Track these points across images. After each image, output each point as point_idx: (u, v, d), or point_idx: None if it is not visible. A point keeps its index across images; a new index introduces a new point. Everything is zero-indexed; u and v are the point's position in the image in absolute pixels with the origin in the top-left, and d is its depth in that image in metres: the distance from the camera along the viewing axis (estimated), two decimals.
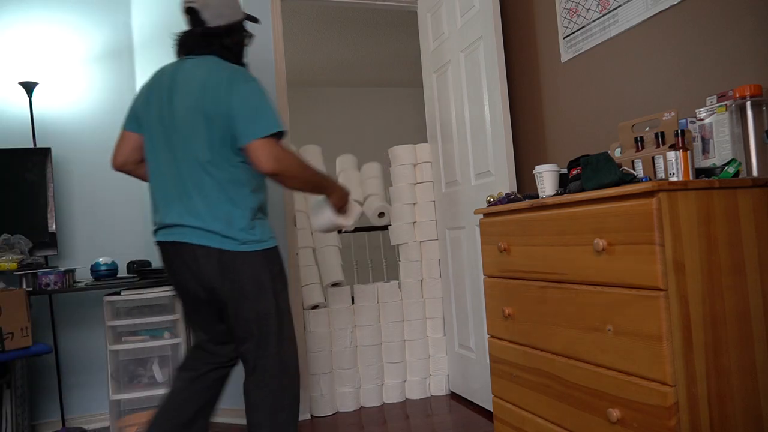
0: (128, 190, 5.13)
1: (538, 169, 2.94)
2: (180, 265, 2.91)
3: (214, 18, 2.97)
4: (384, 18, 8.00)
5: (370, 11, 7.70)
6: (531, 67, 4.24)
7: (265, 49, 4.73)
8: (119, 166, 3.13)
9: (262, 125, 2.73)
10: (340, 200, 3.13)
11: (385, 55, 9.60)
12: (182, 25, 4.84)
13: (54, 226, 4.57)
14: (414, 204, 5.19)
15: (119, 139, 3.10)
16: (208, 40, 2.97)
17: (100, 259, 4.48)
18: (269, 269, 2.89)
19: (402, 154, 5.27)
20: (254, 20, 3.21)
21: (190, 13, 2.99)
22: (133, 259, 5.01)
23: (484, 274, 3.18)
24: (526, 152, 4.36)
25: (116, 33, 5.23)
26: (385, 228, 6.78)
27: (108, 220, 5.06)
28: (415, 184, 5.22)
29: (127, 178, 5.12)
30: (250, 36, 3.13)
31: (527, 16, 4.25)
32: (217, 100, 2.77)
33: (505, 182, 4.06)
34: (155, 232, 2.97)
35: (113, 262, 4.49)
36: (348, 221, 3.25)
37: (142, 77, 5.17)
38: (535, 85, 4.20)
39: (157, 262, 4.98)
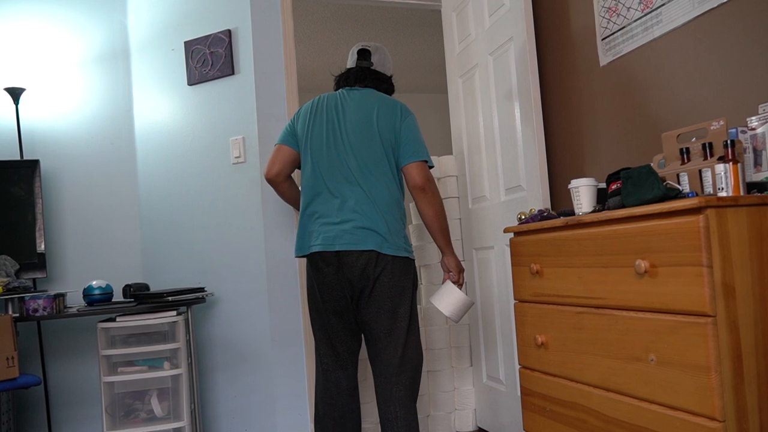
0: (125, 207, 5.18)
1: (574, 183, 2.96)
2: (335, 271, 3.60)
3: (378, 64, 3.98)
4: (404, 18, 8.04)
5: (389, 11, 7.75)
6: (566, 71, 4.26)
7: (274, 52, 4.77)
8: (273, 176, 3.90)
9: (421, 152, 3.65)
10: (457, 265, 3.90)
11: (405, 59, 9.63)
12: (185, 25, 4.95)
13: (43, 246, 4.61)
14: None
15: (275, 152, 3.90)
16: (375, 78, 3.91)
17: (94, 283, 4.50)
18: (412, 275, 3.65)
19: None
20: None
21: (363, 53, 3.98)
22: (130, 282, 5.05)
23: (515, 299, 3.20)
24: (560, 165, 4.36)
25: (111, 33, 5.29)
26: None
27: (102, 240, 5.10)
28: None
29: (123, 194, 5.17)
30: (393, 92, 4.06)
31: (562, 16, 4.27)
32: (389, 125, 3.66)
33: (537, 197, 4.08)
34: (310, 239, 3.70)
35: (108, 286, 4.51)
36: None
37: (140, 82, 5.22)
38: (571, 90, 4.22)
39: (156, 285, 5.01)
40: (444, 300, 3.80)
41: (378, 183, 3.61)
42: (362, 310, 3.62)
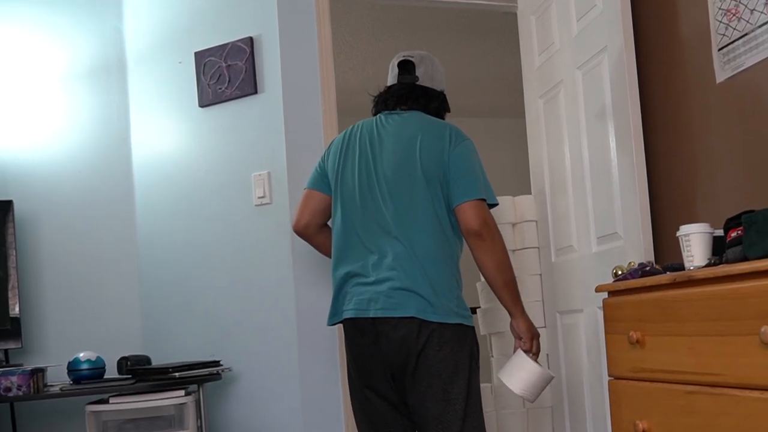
0: (120, 260, 5.23)
1: (684, 230, 2.98)
2: (371, 342, 3.64)
3: (425, 77, 3.98)
4: (469, 23, 8.00)
5: (450, 14, 7.67)
6: (673, 89, 4.23)
7: (307, 65, 4.83)
8: (302, 229, 4.03)
9: (476, 188, 3.69)
10: (529, 329, 3.86)
11: (470, 74, 9.57)
12: (195, 31, 5.03)
13: (17, 309, 4.67)
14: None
15: (304, 199, 4.04)
16: (419, 95, 3.93)
17: (81, 355, 4.55)
18: (468, 345, 3.65)
19: (497, 209, 5.17)
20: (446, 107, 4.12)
21: (405, 65, 3.98)
22: (126, 353, 4.87)
23: (610, 375, 3.22)
24: (666, 207, 4.30)
25: (103, 41, 5.36)
26: (473, 311, 6.81)
27: (92, 301, 5.15)
28: (515, 250, 5.25)
29: (118, 242, 5.23)
30: (448, 111, 4.08)
31: (668, 20, 4.25)
32: (436, 156, 3.70)
33: (638, 248, 4.04)
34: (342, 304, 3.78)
35: (99, 359, 4.56)
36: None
37: (138, 103, 5.31)
38: (679, 113, 4.19)
39: (159, 358, 4.93)
40: (514, 375, 3.77)
41: (420, 232, 3.65)
42: (407, 391, 3.63)
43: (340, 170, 3.86)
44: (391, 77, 4.08)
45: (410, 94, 3.95)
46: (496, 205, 3.83)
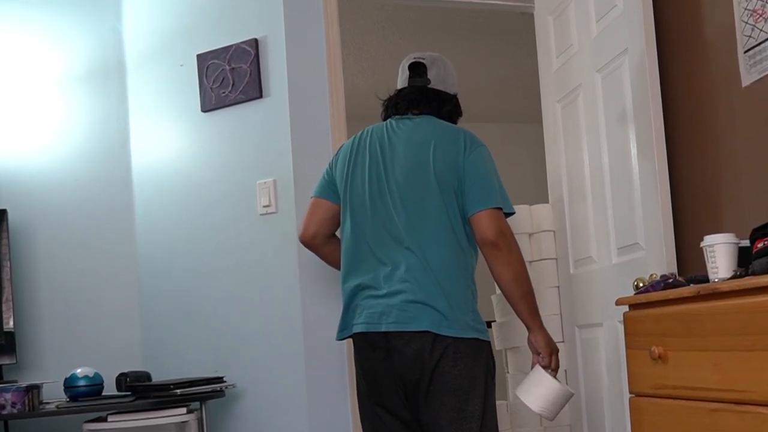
0: (119, 271, 5.25)
1: (709, 240, 3.00)
2: (383, 358, 3.65)
3: (437, 80, 4.00)
4: (484, 24, 8.01)
5: (465, 14, 7.69)
6: (696, 93, 4.23)
7: (315, 68, 4.84)
8: (309, 239, 4.08)
9: (492, 196, 3.72)
10: (548, 344, 3.86)
11: (485, 77, 9.60)
12: (197, 32, 5.04)
13: (12, 323, 4.69)
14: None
15: (310, 208, 4.09)
16: (431, 98, 3.95)
17: (78, 371, 4.56)
18: (484, 361, 3.67)
19: (513, 219, 5.12)
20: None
21: (416, 68, 3.99)
22: (126, 369, 4.88)
23: (631, 392, 3.24)
24: (690, 216, 4.29)
25: (102, 43, 5.38)
26: (488, 325, 6.82)
27: (89, 315, 5.16)
28: (531, 261, 5.24)
29: (117, 254, 5.25)
30: (461, 115, 4.10)
31: (691, 20, 4.25)
32: (450, 163, 3.73)
33: (660, 259, 4.04)
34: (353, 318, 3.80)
35: (97, 375, 4.56)
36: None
37: (138, 108, 5.33)
38: (703, 119, 4.19)
39: (160, 374, 4.93)
40: (532, 391, 3.76)
41: (434, 242, 3.67)
42: (420, 409, 3.63)
43: (349, 177, 3.88)
44: (402, 80, 4.09)
45: (422, 98, 3.96)
46: (513, 214, 3.85)
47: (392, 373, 3.62)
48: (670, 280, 3.20)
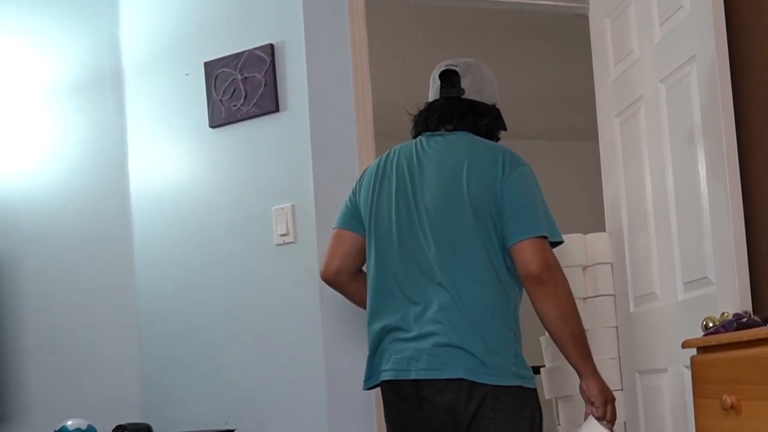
0: (115, 311, 5.32)
1: None
2: (414, 409, 3.69)
3: (472, 89, 4.02)
4: (531, 27, 8.03)
5: (508, 16, 7.66)
6: None
7: (339, 79, 4.89)
8: (332, 276, 4.11)
9: (535, 223, 3.70)
10: (602, 392, 3.86)
11: (530, 88, 9.62)
12: (205, 37, 5.12)
13: None
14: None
15: (333, 240, 4.12)
16: (466, 111, 3.97)
17: (69, 423, 4.60)
18: (529, 412, 3.67)
19: (564, 249, 4.99)
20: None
21: (448, 76, 4.01)
22: (123, 421, 4.87)
23: None
24: (766, 247, 4.20)
25: (96, 50, 5.47)
26: (536, 371, 6.83)
27: (82, 360, 5.22)
28: (585, 298, 5.26)
29: (113, 290, 5.31)
30: (504, 129, 4.13)
31: (767, 23, 4.21)
32: (487, 186, 3.73)
33: (732, 295, 4.01)
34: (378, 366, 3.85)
35: (90, 427, 4.62)
36: None
37: (138, 122, 5.41)
38: None
39: (162, 426, 4.93)
40: None
41: (469, 278, 3.68)
42: None
43: (374, 205, 3.91)
44: (433, 91, 4.11)
45: (455, 111, 3.97)
46: (561, 243, 3.85)
47: (424, 425, 3.65)
48: (744, 320, 3.21)
